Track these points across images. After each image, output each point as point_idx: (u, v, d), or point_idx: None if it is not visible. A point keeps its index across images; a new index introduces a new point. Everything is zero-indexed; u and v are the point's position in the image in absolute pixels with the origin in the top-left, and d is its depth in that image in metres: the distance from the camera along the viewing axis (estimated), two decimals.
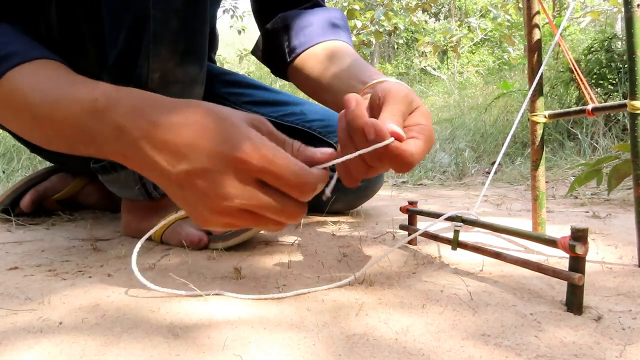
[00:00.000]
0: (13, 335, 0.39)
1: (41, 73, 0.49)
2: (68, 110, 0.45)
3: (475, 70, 7.17)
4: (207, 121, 0.40)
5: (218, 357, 0.35)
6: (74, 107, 0.44)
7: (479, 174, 1.79)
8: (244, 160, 0.38)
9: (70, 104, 0.45)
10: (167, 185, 0.41)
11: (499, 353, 0.35)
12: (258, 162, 0.38)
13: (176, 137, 0.39)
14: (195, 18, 0.60)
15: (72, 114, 0.44)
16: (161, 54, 0.59)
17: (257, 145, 0.38)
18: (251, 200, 0.39)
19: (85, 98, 0.44)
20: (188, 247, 0.66)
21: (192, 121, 0.40)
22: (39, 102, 0.46)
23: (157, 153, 0.40)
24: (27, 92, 0.47)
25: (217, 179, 0.38)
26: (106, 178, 0.73)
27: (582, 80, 0.64)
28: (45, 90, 0.47)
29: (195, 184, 0.39)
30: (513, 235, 0.51)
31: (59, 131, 0.46)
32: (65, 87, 0.46)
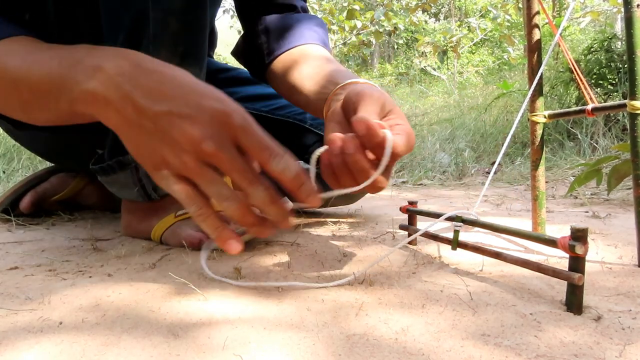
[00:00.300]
0: (13, 335, 0.39)
1: (20, 44, 0.49)
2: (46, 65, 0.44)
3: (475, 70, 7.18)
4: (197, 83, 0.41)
5: (218, 357, 0.35)
6: (52, 62, 0.44)
7: (479, 174, 1.79)
8: (229, 115, 0.39)
9: (49, 60, 0.44)
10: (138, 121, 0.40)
11: (499, 353, 0.35)
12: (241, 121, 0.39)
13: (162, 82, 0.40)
14: (195, 19, 0.60)
15: (50, 68, 0.44)
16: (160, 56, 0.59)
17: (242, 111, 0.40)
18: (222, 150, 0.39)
19: (66, 53, 0.44)
20: (188, 248, 0.66)
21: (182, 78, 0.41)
22: (18, 64, 0.46)
23: (136, 89, 0.39)
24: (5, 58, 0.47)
25: (200, 124, 0.39)
26: (105, 179, 0.73)
27: (582, 80, 0.64)
28: (24, 54, 0.47)
29: (173, 122, 0.39)
30: (513, 235, 0.51)
31: (35, 90, 0.45)
32: (44, 50, 0.46)
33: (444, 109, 3.35)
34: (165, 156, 0.40)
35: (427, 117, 3.14)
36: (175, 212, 0.70)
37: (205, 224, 0.42)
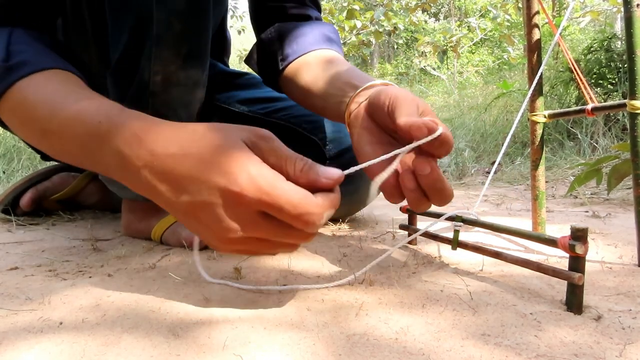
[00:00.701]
0: (13, 335, 0.39)
1: (50, 86, 0.49)
2: (74, 130, 0.45)
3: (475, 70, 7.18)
4: (204, 151, 0.39)
5: (218, 357, 0.35)
6: (79, 128, 0.45)
7: (478, 173, 1.79)
8: (240, 195, 0.37)
9: (75, 124, 0.45)
10: (174, 213, 0.42)
11: (499, 353, 0.35)
12: (255, 195, 0.37)
13: (175, 168, 0.39)
14: (199, 21, 0.60)
15: (77, 134, 0.45)
16: (163, 57, 0.59)
17: (254, 178, 0.37)
18: (254, 231, 0.39)
19: (89, 120, 0.44)
20: (188, 248, 0.66)
21: (188, 151, 0.39)
22: (48, 117, 0.47)
23: (159, 183, 0.40)
24: (37, 105, 0.48)
25: (219, 212, 0.38)
26: (106, 178, 0.73)
27: (582, 80, 0.64)
28: (53, 105, 0.47)
29: (198, 216, 0.39)
30: (513, 235, 0.51)
31: (67, 148, 0.47)
32: (72, 105, 0.46)
33: (444, 108, 3.35)
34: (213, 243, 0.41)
35: None
36: None
37: None
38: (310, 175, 0.39)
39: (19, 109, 0.49)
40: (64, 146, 0.47)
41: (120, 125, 0.43)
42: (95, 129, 0.43)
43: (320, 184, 0.39)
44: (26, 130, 0.51)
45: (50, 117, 0.46)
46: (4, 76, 0.49)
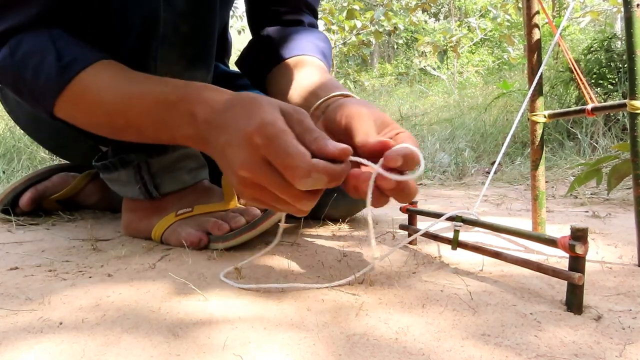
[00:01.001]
0: (13, 336, 0.39)
1: (105, 74, 0.55)
2: (141, 104, 0.52)
3: (475, 70, 7.18)
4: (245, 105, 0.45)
5: (218, 357, 0.35)
6: (146, 101, 0.52)
7: (479, 173, 1.79)
8: (250, 134, 0.42)
9: (142, 99, 0.52)
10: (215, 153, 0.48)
11: (499, 353, 0.35)
12: (259, 140, 0.42)
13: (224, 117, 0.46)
14: (205, 23, 0.60)
15: (146, 107, 0.52)
16: (169, 58, 0.59)
17: (265, 123, 0.42)
18: (257, 175, 0.43)
19: (156, 92, 0.52)
20: (188, 248, 0.66)
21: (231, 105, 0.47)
22: (112, 99, 0.53)
23: (212, 130, 0.47)
24: (99, 91, 0.54)
25: (235, 151, 0.44)
26: (107, 176, 0.73)
27: (582, 80, 0.64)
28: (115, 88, 0.54)
29: (226, 154, 0.45)
30: (513, 235, 0.51)
31: (132, 123, 0.54)
32: (134, 84, 0.54)
33: (444, 108, 3.35)
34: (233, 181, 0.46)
35: (427, 117, 3.14)
36: (176, 211, 0.70)
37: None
38: (320, 142, 0.43)
39: (82, 99, 0.55)
40: (129, 121, 0.54)
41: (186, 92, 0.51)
42: (164, 99, 0.51)
43: (327, 150, 0.43)
44: (88, 116, 0.57)
45: (114, 99, 0.53)
46: (62, 73, 0.54)
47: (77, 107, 0.56)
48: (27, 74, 0.55)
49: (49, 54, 0.55)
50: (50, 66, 0.54)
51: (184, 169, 0.72)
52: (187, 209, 0.70)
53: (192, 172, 0.73)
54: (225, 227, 0.65)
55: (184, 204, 0.71)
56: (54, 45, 0.55)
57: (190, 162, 0.73)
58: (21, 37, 0.56)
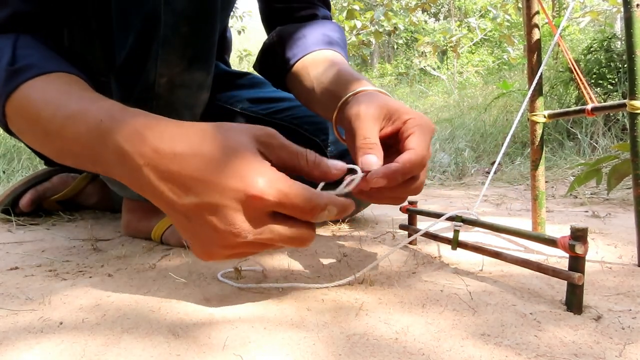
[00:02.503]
0: (14, 335, 0.39)
1: (53, 87, 0.48)
2: (76, 128, 0.44)
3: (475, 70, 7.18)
4: (216, 153, 0.38)
5: (218, 357, 0.35)
6: (81, 126, 0.44)
7: (478, 173, 1.79)
8: (259, 198, 0.37)
9: (77, 123, 0.44)
10: (173, 214, 0.40)
11: (499, 353, 0.35)
12: (275, 197, 0.37)
13: (182, 167, 0.38)
14: (206, 24, 0.60)
15: (79, 133, 0.44)
16: (169, 59, 0.59)
17: (272, 181, 0.37)
18: (264, 234, 0.38)
19: (91, 118, 0.43)
20: (188, 248, 0.66)
21: (198, 151, 0.38)
22: (51, 117, 0.46)
23: (162, 183, 0.39)
24: (40, 106, 0.47)
25: (229, 215, 0.37)
26: (107, 177, 0.73)
27: (582, 80, 0.64)
28: (56, 106, 0.46)
29: (204, 218, 0.38)
30: (513, 235, 0.51)
31: (68, 148, 0.46)
32: (74, 104, 0.46)
33: (443, 109, 3.35)
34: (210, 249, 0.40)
35: (427, 117, 3.14)
36: None
37: None
38: (322, 167, 0.42)
39: (23, 110, 0.49)
40: (65, 145, 0.46)
41: (121, 121, 0.41)
42: (96, 127, 0.42)
43: (331, 175, 0.43)
44: (30, 131, 0.50)
45: (52, 117, 0.46)
46: (10, 79, 0.48)
47: (20, 117, 0.50)
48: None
49: (4, 57, 0.50)
50: (1, 70, 0.49)
51: None
52: None
53: None
54: None
55: None
56: (13, 49, 0.51)
57: None
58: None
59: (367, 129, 0.49)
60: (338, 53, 0.72)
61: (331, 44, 0.73)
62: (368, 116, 0.50)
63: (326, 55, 0.70)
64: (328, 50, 0.72)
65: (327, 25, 0.77)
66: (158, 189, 0.39)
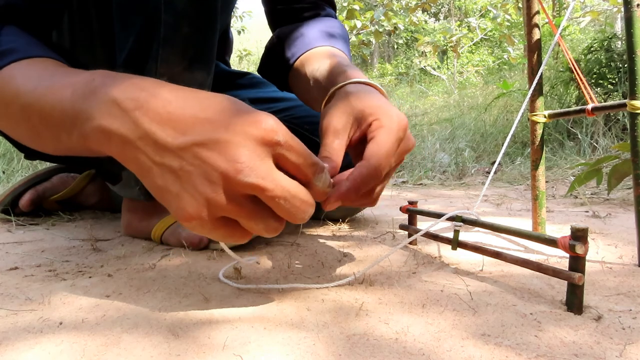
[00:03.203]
0: (13, 336, 0.39)
1: (38, 67, 0.46)
2: (59, 94, 0.40)
3: (475, 70, 7.18)
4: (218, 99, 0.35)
5: (218, 357, 0.35)
6: (65, 91, 0.40)
7: (479, 173, 1.79)
8: (270, 132, 0.34)
9: (62, 89, 0.40)
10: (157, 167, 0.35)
11: (499, 353, 0.35)
12: (284, 137, 0.35)
13: (181, 108, 0.35)
14: (206, 25, 0.60)
15: (62, 97, 0.39)
16: (170, 59, 0.59)
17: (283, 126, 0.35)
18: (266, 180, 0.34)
19: (81, 81, 0.39)
20: (188, 248, 0.66)
21: (201, 96, 0.35)
22: (31, 89, 0.42)
23: (154, 124, 0.34)
24: (20, 82, 0.44)
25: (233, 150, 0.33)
26: (107, 176, 0.73)
27: (582, 80, 0.64)
28: (39, 79, 0.43)
29: (200, 156, 0.34)
30: (513, 235, 0.51)
31: (45, 119, 0.41)
32: (59, 76, 0.42)
33: (444, 108, 3.35)
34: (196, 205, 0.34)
35: (427, 117, 3.14)
36: None
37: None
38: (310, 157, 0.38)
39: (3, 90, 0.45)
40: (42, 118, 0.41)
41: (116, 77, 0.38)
42: (85, 87, 0.38)
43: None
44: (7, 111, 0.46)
45: (32, 90, 0.42)
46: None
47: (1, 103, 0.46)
48: None
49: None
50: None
51: None
52: None
53: None
54: None
55: None
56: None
57: None
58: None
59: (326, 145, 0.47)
60: (335, 48, 0.71)
61: (329, 39, 0.73)
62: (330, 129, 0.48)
63: (323, 50, 0.70)
64: (325, 46, 0.72)
65: (327, 22, 0.77)
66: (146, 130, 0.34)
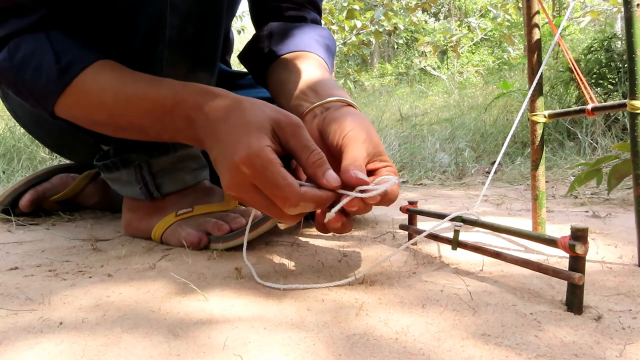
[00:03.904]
0: (13, 336, 0.39)
1: (104, 74, 0.56)
2: (140, 107, 0.54)
3: (475, 70, 7.17)
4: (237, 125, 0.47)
5: (218, 357, 0.35)
6: (145, 104, 0.53)
7: (479, 173, 1.79)
8: (237, 164, 0.45)
9: (141, 102, 0.54)
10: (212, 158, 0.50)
11: (499, 353, 0.35)
12: (248, 167, 0.44)
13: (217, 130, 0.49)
14: (211, 26, 0.60)
15: (144, 109, 0.53)
16: (174, 60, 0.59)
17: (251, 154, 0.44)
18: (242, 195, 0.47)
19: (154, 95, 0.53)
20: (188, 248, 0.66)
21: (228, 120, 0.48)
22: (112, 100, 0.54)
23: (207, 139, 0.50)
24: (100, 92, 0.55)
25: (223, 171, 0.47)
26: (108, 176, 0.73)
27: (582, 80, 0.64)
28: (115, 89, 0.55)
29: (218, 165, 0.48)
30: (513, 235, 0.51)
31: (134, 124, 0.56)
32: (131, 85, 0.55)
33: (444, 108, 3.35)
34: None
35: (427, 117, 3.14)
36: (176, 211, 0.70)
37: None
38: (317, 171, 0.46)
39: (82, 100, 0.56)
40: (131, 122, 0.55)
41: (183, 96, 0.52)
42: (161, 103, 0.53)
43: (320, 182, 0.46)
44: (91, 117, 0.58)
45: (114, 101, 0.54)
46: (61, 76, 0.55)
47: (78, 107, 0.57)
48: (26, 76, 0.56)
49: (47, 55, 0.55)
50: (49, 67, 0.55)
51: (185, 170, 0.72)
52: (187, 209, 0.70)
53: (193, 172, 0.73)
54: (225, 228, 0.65)
55: (185, 204, 0.71)
56: (52, 47, 0.56)
57: (192, 162, 0.73)
58: (20, 40, 0.56)
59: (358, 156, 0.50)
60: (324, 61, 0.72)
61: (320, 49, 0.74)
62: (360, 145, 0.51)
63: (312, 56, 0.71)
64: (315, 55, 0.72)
65: (318, 30, 0.78)
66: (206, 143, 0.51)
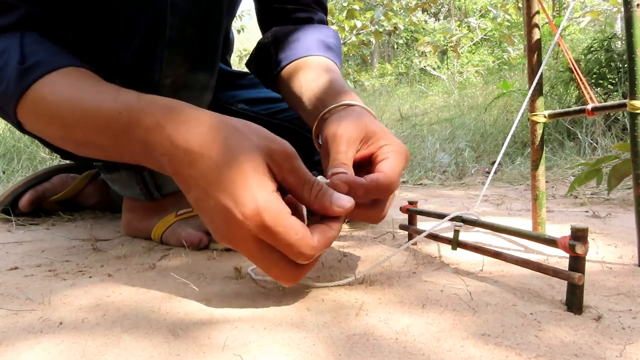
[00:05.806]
0: (13, 336, 0.39)
1: (66, 83, 0.49)
2: (95, 122, 0.46)
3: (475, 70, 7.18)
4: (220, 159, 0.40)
5: (218, 357, 0.35)
6: (100, 121, 0.46)
7: (479, 173, 1.78)
8: (241, 223, 0.39)
9: (96, 117, 0.46)
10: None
11: (499, 353, 0.35)
12: (254, 227, 0.39)
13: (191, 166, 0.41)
14: (211, 26, 0.60)
15: (99, 126, 0.46)
16: (175, 60, 0.59)
17: (259, 210, 0.38)
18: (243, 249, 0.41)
19: (109, 111, 0.45)
20: (188, 248, 0.66)
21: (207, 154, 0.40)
22: (69, 113, 0.47)
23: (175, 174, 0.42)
24: (56, 103, 0.48)
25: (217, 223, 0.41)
26: (108, 176, 0.73)
27: (582, 80, 0.64)
28: (72, 100, 0.48)
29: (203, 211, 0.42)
30: (513, 235, 0.51)
31: (92, 140, 0.48)
32: (90, 99, 0.47)
33: (444, 108, 3.35)
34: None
35: (427, 117, 3.14)
36: (176, 211, 0.70)
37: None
38: (324, 202, 0.42)
39: (39, 109, 0.49)
40: (88, 139, 0.48)
41: (140, 113, 0.44)
42: (116, 120, 0.45)
43: (332, 211, 0.42)
44: (49, 128, 0.51)
45: (71, 113, 0.47)
46: (21, 78, 0.49)
47: (36, 117, 0.51)
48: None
49: (13, 56, 0.50)
50: (12, 69, 0.49)
51: None
52: (187, 209, 0.70)
53: None
54: None
55: (185, 204, 0.71)
56: (21, 48, 0.51)
57: None
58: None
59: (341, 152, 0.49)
60: (331, 60, 0.72)
61: (326, 50, 0.73)
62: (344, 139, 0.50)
63: (319, 61, 0.71)
64: (321, 57, 0.72)
65: (323, 31, 0.77)
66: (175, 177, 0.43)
